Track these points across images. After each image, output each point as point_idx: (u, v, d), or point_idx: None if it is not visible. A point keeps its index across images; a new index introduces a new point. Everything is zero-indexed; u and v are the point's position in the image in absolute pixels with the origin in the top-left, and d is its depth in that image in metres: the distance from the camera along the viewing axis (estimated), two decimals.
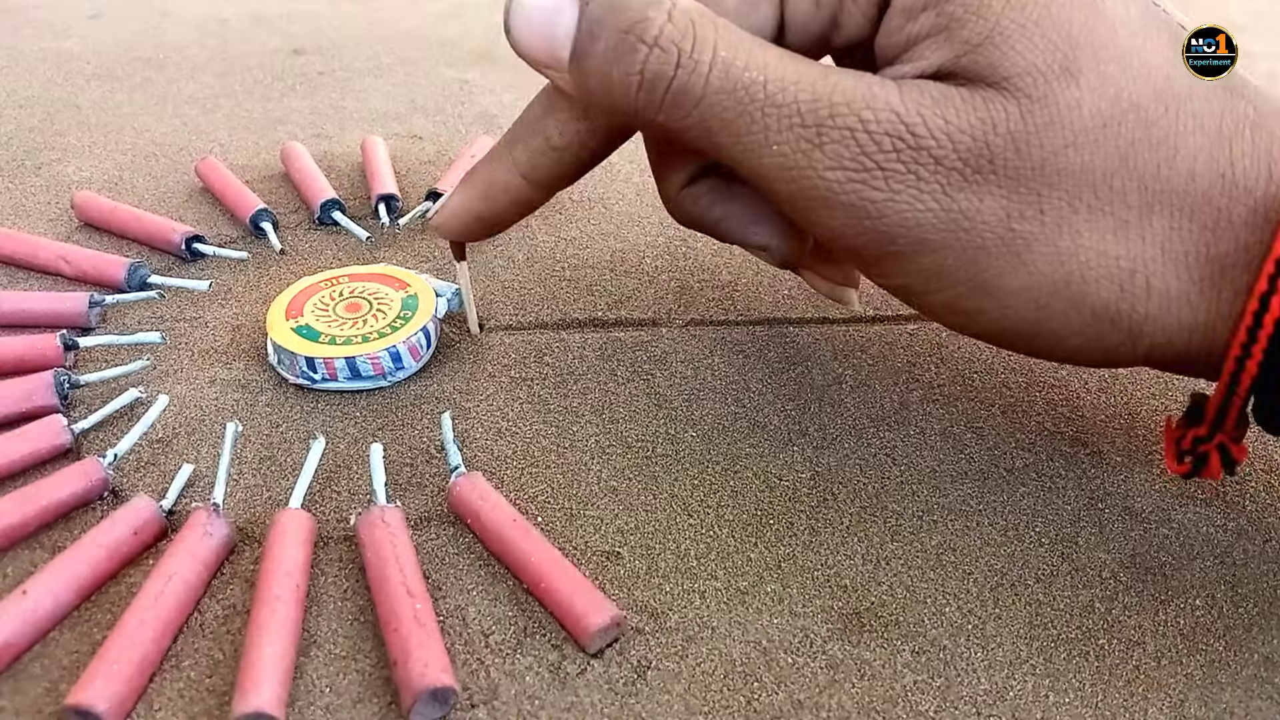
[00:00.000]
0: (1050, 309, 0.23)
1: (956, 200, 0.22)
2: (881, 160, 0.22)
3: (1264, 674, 0.23)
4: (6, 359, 0.31)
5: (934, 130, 0.22)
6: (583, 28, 0.23)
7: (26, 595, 0.23)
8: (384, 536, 0.24)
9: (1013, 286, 0.23)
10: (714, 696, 0.22)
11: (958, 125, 0.22)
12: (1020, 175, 0.22)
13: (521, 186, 0.27)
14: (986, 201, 0.22)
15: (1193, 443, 0.24)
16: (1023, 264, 0.22)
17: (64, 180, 0.43)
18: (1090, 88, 0.21)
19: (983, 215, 0.22)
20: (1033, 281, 0.23)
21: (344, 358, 0.30)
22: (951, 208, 0.22)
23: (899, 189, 0.22)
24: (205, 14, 0.65)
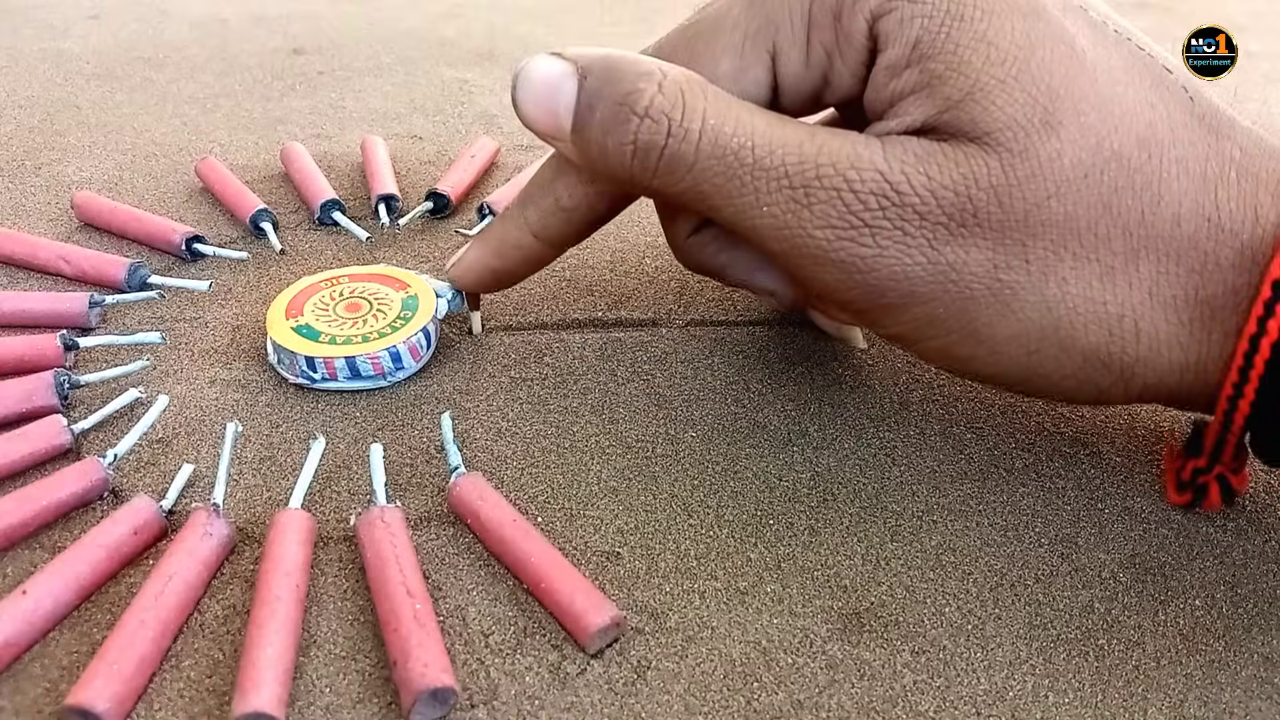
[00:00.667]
0: (1041, 354, 0.24)
1: (943, 253, 0.23)
2: (868, 218, 0.22)
3: (1263, 674, 0.23)
4: (6, 359, 0.31)
5: (917, 187, 0.22)
6: (581, 100, 0.24)
7: (26, 595, 0.23)
8: (384, 536, 0.24)
9: (1003, 334, 0.23)
10: (714, 696, 0.22)
11: (940, 181, 0.22)
12: (1004, 227, 0.22)
13: (533, 245, 0.29)
14: (972, 254, 0.23)
15: (1192, 474, 0.25)
16: (1011, 312, 0.23)
17: (64, 180, 0.43)
18: (1071, 139, 0.22)
19: (969, 267, 0.23)
20: (1022, 329, 0.23)
21: (344, 358, 0.30)
22: (938, 260, 0.23)
23: (886, 245, 0.23)
24: (205, 14, 0.65)
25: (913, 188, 0.22)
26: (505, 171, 0.45)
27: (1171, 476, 0.26)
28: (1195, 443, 0.25)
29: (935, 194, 0.22)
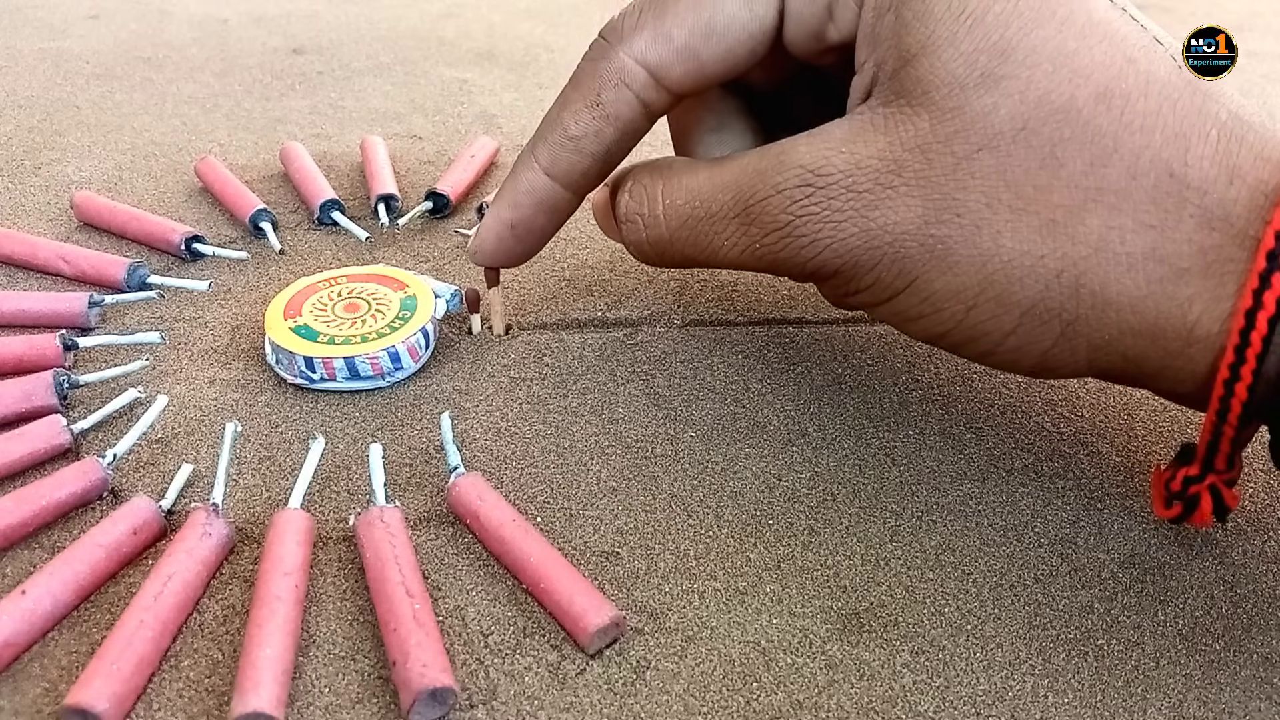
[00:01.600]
0: (979, 309, 0.24)
1: (873, 219, 0.24)
2: (797, 210, 0.25)
3: (1263, 674, 0.23)
4: (6, 359, 0.31)
5: (839, 165, 0.24)
6: None
7: (26, 595, 0.23)
8: (383, 537, 0.24)
9: (941, 290, 0.24)
10: (713, 697, 0.22)
11: (865, 153, 0.24)
12: (931, 182, 0.23)
13: (546, 184, 0.29)
14: (901, 212, 0.23)
15: (1183, 483, 0.24)
16: (947, 266, 0.23)
17: (63, 180, 0.43)
18: (1009, 91, 0.22)
19: (900, 225, 0.24)
20: (959, 283, 0.23)
21: (343, 358, 0.30)
22: (870, 227, 0.24)
23: (818, 228, 0.24)
24: (205, 14, 0.65)
25: (835, 166, 0.24)
26: (505, 171, 0.44)
27: (1160, 489, 0.25)
28: (1187, 452, 0.24)
29: (859, 165, 0.24)
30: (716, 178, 0.27)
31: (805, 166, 0.24)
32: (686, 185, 0.27)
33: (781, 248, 0.25)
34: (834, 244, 0.24)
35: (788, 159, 0.25)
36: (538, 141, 0.29)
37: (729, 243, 0.26)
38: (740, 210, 0.26)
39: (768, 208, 0.25)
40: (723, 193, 0.26)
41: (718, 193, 0.26)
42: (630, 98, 0.27)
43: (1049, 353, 0.24)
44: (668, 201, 0.27)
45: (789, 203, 0.25)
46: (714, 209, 0.26)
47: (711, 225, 0.27)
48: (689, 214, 0.27)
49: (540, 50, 0.60)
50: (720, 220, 0.26)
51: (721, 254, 0.27)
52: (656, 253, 0.29)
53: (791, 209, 0.25)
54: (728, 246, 0.27)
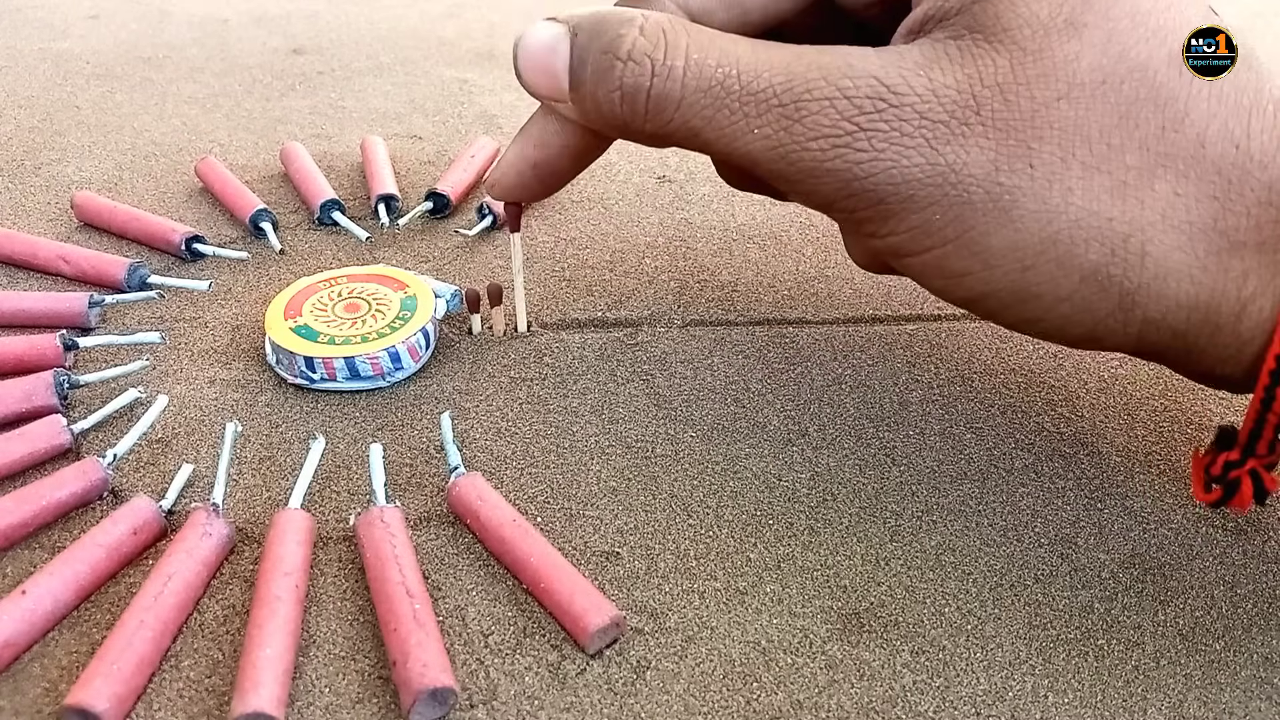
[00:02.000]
0: (1037, 270, 0.22)
1: (942, 153, 0.22)
2: (863, 122, 0.22)
3: (1263, 674, 0.23)
4: (6, 359, 0.31)
5: (916, 87, 0.22)
6: (574, 58, 0.24)
7: (26, 595, 0.23)
8: (383, 536, 0.24)
9: (999, 245, 0.22)
10: (713, 697, 0.22)
11: (943, 81, 0.22)
12: (1008, 126, 0.22)
13: (574, 127, 0.26)
14: (973, 153, 0.22)
15: (1224, 468, 0.24)
16: (1010, 220, 0.22)
17: (63, 180, 0.43)
18: (1093, 42, 0.21)
19: (969, 168, 0.22)
20: (1019, 239, 0.22)
21: (343, 358, 0.30)
22: (938, 161, 0.22)
23: (883, 147, 0.22)
24: (205, 14, 0.65)
25: (912, 88, 0.22)
26: None
27: (1199, 471, 0.24)
28: (1228, 436, 0.24)
29: (936, 93, 0.22)
30: (763, 53, 0.23)
31: (880, 79, 0.22)
32: (723, 48, 0.23)
33: (831, 157, 0.22)
34: (894, 168, 0.22)
35: (859, 65, 0.22)
36: None
37: (759, 133, 0.23)
38: (790, 101, 0.22)
39: (827, 110, 0.22)
40: (770, 73, 0.22)
41: (764, 70, 0.23)
42: None
43: (1101, 323, 0.23)
44: (696, 57, 0.23)
45: (855, 111, 0.22)
46: (754, 86, 0.23)
47: (744, 104, 0.23)
48: (719, 80, 0.23)
49: None
50: (758, 103, 0.23)
51: (740, 142, 0.23)
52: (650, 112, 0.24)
53: (858, 119, 0.22)
54: (753, 138, 0.23)
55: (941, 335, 0.34)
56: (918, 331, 0.34)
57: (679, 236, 0.40)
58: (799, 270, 0.37)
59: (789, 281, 0.37)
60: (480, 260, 0.38)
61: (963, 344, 0.33)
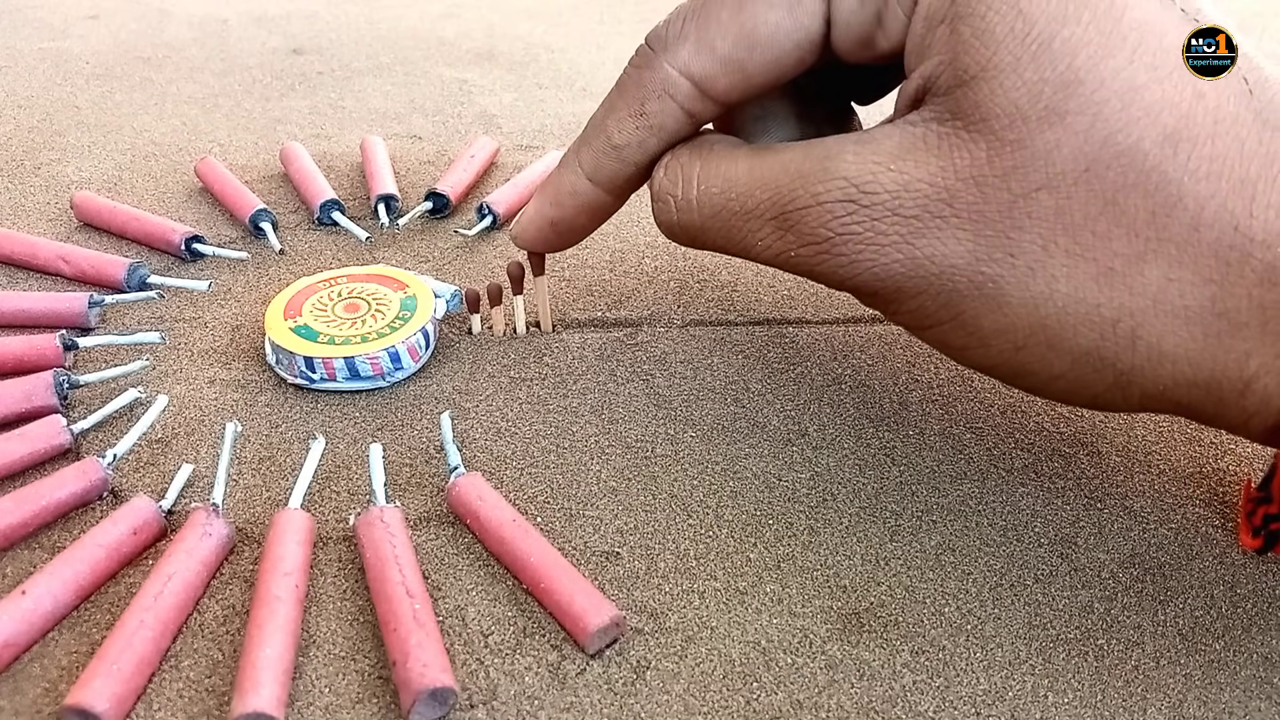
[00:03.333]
0: (1029, 350, 0.23)
1: (919, 247, 0.23)
2: (837, 227, 0.23)
3: (1263, 674, 0.23)
4: (6, 359, 0.31)
5: (887, 185, 0.22)
6: None
7: (26, 595, 0.23)
8: (383, 536, 0.24)
9: (989, 328, 0.23)
10: (713, 697, 0.22)
11: (915, 175, 0.22)
12: (985, 218, 0.22)
13: (589, 190, 0.28)
14: (950, 245, 0.22)
15: (1263, 520, 0.24)
16: (996, 306, 0.22)
17: (63, 180, 0.43)
18: (1075, 129, 0.21)
19: (949, 259, 0.22)
20: (1008, 324, 0.22)
21: (343, 358, 0.30)
22: (916, 255, 0.23)
23: (860, 249, 0.23)
24: (205, 14, 0.65)
25: (882, 185, 0.22)
26: (505, 171, 0.45)
27: (1244, 520, 0.25)
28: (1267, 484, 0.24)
29: (908, 188, 0.22)
30: (755, 172, 0.25)
31: (850, 180, 0.23)
32: (724, 174, 0.25)
33: (818, 262, 0.24)
34: (875, 268, 0.23)
35: (832, 168, 0.23)
36: (582, 146, 0.28)
37: (762, 243, 0.25)
38: (777, 213, 0.24)
39: (806, 218, 0.24)
40: (760, 190, 0.25)
41: (755, 189, 0.25)
42: (675, 109, 0.26)
43: (1100, 396, 0.23)
44: (703, 188, 0.26)
45: (829, 218, 0.23)
46: (749, 206, 0.25)
47: (746, 222, 0.25)
48: (723, 205, 0.25)
49: (540, 50, 0.60)
50: (755, 219, 0.25)
51: (754, 252, 0.26)
52: (687, 237, 0.27)
53: (832, 225, 0.23)
54: (761, 247, 0.25)
55: None
56: None
57: None
58: None
59: (789, 281, 0.37)
60: (480, 260, 0.38)
61: None
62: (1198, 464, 0.29)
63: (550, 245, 0.31)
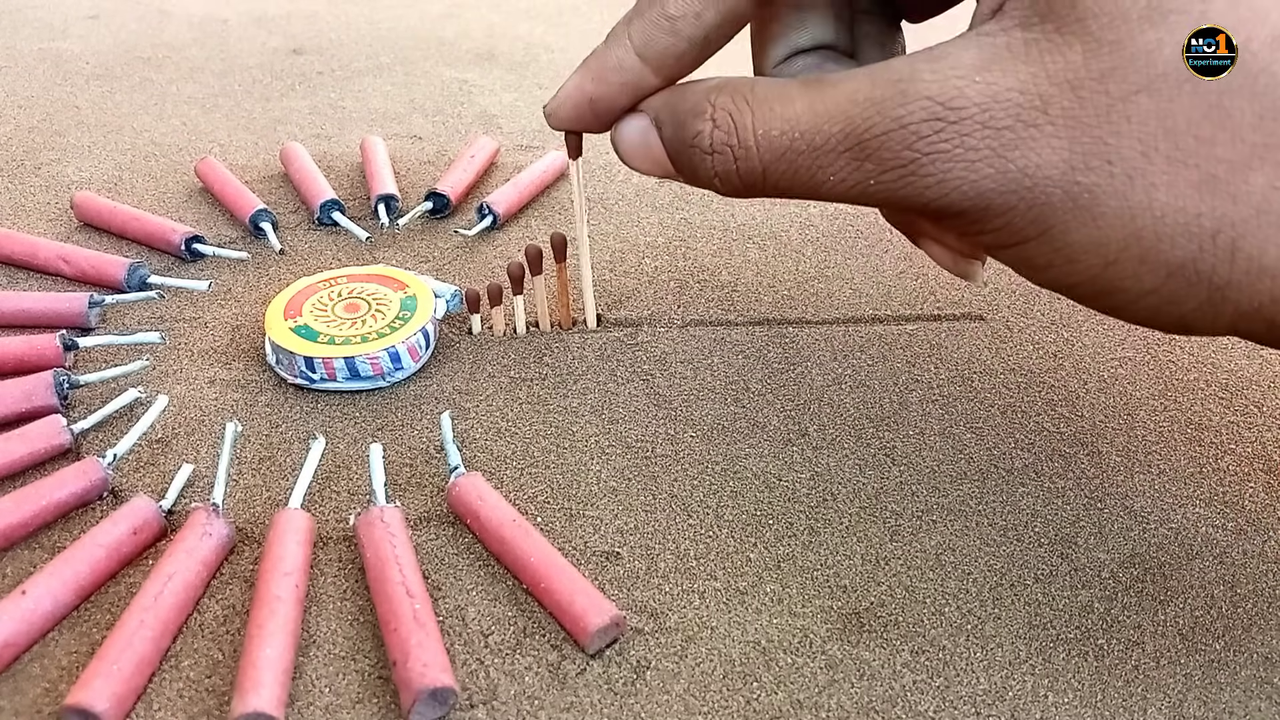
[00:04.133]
0: (1120, 265, 0.22)
1: (1012, 159, 0.22)
2: (923, 147, 0.22)
3: (1263, 674, 0.23)
4: (6, 359, 0.31)
5: (974, 98, 0.21)
6: (666, 147, 0.27)
7: (26, 595, 0.23)
8: (383, 536, 0.24)
9: (1080, 242, 0.22)
10: (713, 696, 0.22)
11: (1004, 85, 0.21)
12: (1081, 123, 0.21)
13: (635, 65, 0.27)
14: (1045, 155, 0.21)
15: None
16: (1091, 218, 0.21)
17: (63, 180, 0.43)
18: (1178, 29, 0.20)
19: (1043, 170, 0.21)
20: (1101, 236, 0.22)
21: (343, 358, 0.30)
22: (1008, 169, 0.22)
23: (949, 166, 0.22)
24: (205, 14, 0.65)
25: (969, 99, 0.21)
26: (505, 171, 0.45)
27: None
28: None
29: (996, 98, 0.21)
30: (819, 106, 0.24)
31: (934, 99, 0.22)
32: (782, 114, 0.24)
33: (902, 185, 0.23)
34: (964, 184, 0.22)
35: (911, 89, 0.22)
36: (634, 17, 0.26)
37: (835, 177, 0.24)
38: (853, 144, 0.23)
39: (888, 143, 0.22)
40: (829, 124, 0.23)
41: (822, 124, 0.23)
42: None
43: (1189, 314, 0.22)
44: (761, 132, 0.24)
45: (915, 139, 0.22)
46: (818, 141, 0.24)
47: (815, 159, 0.24)
48: (787, 146, 0.24)
49: (540, 50, 0.60)
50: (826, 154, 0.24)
51: (825, 188, 0.24)
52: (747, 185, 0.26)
53: (918, 145, 0.22)
54: (834, 181, 0.24)
55: (941, 335, 0.34)
56: (918, 331, 0.34)
57: (679, 236, 0.40)
58: (799, 270, 0.37)
59: (789, 281, 0.37)
60: (480, 260, 0.38)
61: (963, 344, 0.33)
62: (1198, 464, 0.29)
63: (586, 124, 0.28)
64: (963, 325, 0.34)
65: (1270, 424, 0.30)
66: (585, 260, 0.33)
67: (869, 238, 0.40)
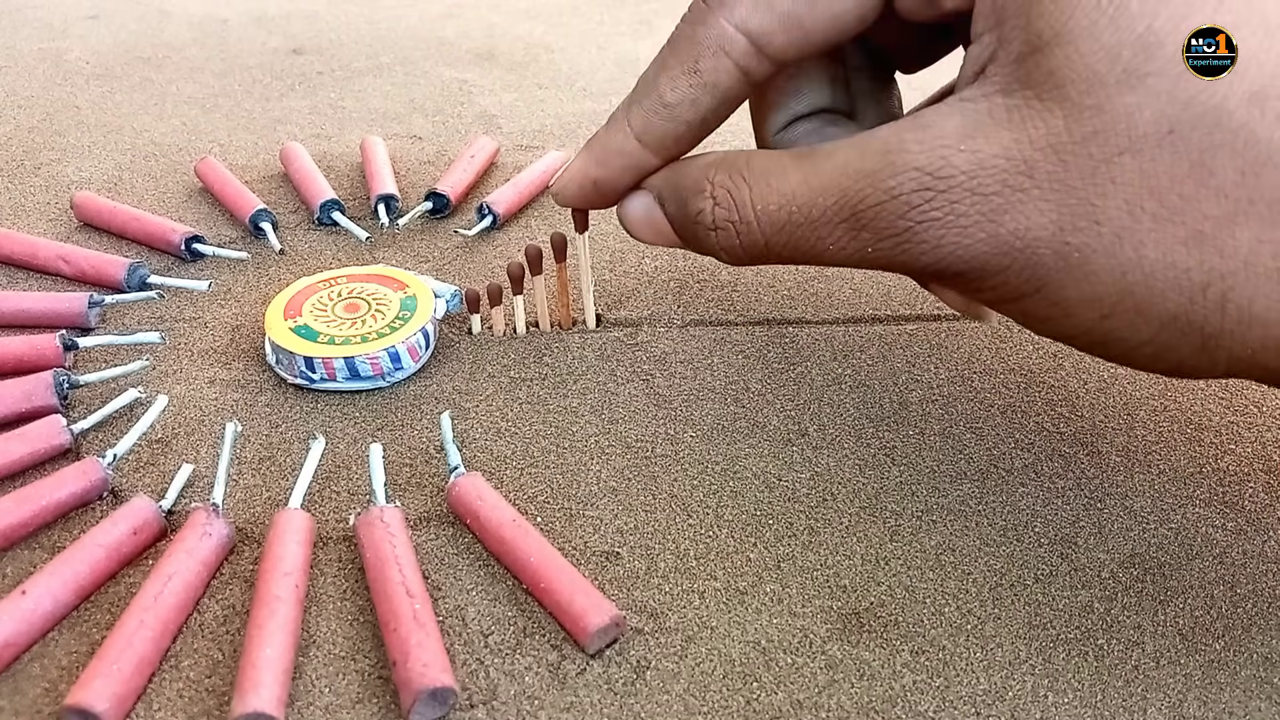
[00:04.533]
0: (1116, 318, 0.22)
1: (1002, 223, 0.22)
2: (916, 216, 0.23)
3: (1263, 674, 0.23)
4: (6, 359, 0.31)
5: (960, 166, 0.22)
6: (670, 223, 0.28)
7: (26, 595, 0.23)
8: (383, 536, 0.24)
9: (1074, 298, 0.22)
10: (713, 696, 0.22)
11: (988, 151, 0.22)
12: (1067, 186, 0.21)
13: (636, 150, 0.28)
14: (1034, 218, 0.22)
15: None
16: (1082, 276, 0.22)
17: (63, 180, 0.43)
18: (1156, 91, 0.21)
19: (1033, 232, 0.22)
20: (1094, 292, 0.22)
21: (343, 358, 0.30)
22: (999, 232, 0.22)
23: (941, 233, 0.23)
24: (205, 14, 0.65)
25: (956, 167, 0.22)
26: (505, 171, 0.45)
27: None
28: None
29: (983, 165, 0.22)
30: (813, 180, 0.25)
31: (921, 169, 0.22)
32: (778, 189, 0.25)
33: (899, 252, 0.24)
34: (958, 249, 0.23)
35: (899, 160, 0.23)
36: (632, 104, 0.27)
37: (835, 246, 0.25)
38: (848, 215, 0.24)
39: (882, 214, 0.23)
40: (823, 197, 0.24)
41: (817, 197, 0.24)
42: (730, 66, 0.25)
43: (1185, 360, 0.23)
44: (759, 207, 0.25)
45: (907, 208, 0.23)
46: (814, 214, 0.24)
47: (813, 230, 0.25)
48: (785, 219, 0.25)
49: (540, 50, 0.60)
50: (823, 225, 0.24)
51: (827, 256, 0.25)
52: (751, 256, 0.27)
53: (911, 215, 0.23)
54: (834, 250, 0.25)
55: (941, 335, 0.34)
56: (918, 331, 0.34)
57: None
58: (799, 270, 0.37)
59: (789, 281, 0.37)
60: (480, 260, 0.38)
61: (963, 344, 0.33)
62: (1198, 464, 0.29)
63: (590, 203, 0.30)
64: (963, 325, 0.34)
65: (1270, 424, 0.30)
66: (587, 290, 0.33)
67: None
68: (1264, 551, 0.26)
